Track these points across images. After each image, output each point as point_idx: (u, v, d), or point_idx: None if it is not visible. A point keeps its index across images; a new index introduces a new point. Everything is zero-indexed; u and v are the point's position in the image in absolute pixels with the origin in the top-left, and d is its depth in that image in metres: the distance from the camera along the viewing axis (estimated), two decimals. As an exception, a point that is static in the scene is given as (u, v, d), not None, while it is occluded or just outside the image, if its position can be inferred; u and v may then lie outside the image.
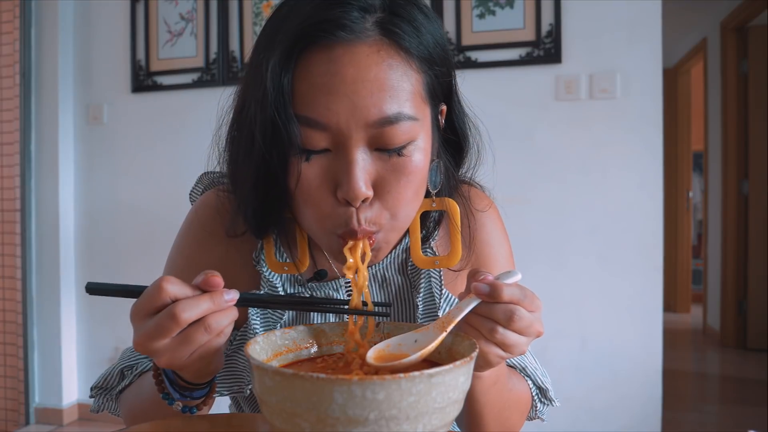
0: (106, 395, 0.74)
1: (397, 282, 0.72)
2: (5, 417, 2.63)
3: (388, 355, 0.52)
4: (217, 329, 0.49)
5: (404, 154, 0.56)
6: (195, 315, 0.48)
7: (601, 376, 2.11)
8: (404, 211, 0.58)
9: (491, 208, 0.76)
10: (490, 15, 2.17)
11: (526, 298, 0.51)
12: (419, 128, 0.56)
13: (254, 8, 2.40)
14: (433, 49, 0.57)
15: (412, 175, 0.56)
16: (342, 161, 0.54)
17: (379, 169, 0.56)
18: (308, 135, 0.54)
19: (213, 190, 0.73)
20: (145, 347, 0.49)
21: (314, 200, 0.56)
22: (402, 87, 0.54)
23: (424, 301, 0.70)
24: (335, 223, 0.56)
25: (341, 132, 0.53)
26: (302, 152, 0.55)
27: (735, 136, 3.73)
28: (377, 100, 0.53)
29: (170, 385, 0.58)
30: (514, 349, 0.52)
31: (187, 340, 0.49)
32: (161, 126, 2.51)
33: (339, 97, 0.52)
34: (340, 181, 0.55)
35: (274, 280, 0.69)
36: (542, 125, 2.14)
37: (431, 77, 0.58)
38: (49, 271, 2.61)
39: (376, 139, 0.54)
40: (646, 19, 2.05)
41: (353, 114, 0.53)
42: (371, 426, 0.39)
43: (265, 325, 0.69)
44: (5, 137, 2.59)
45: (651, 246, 2.07)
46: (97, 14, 2.61)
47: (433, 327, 0.52)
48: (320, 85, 0.53)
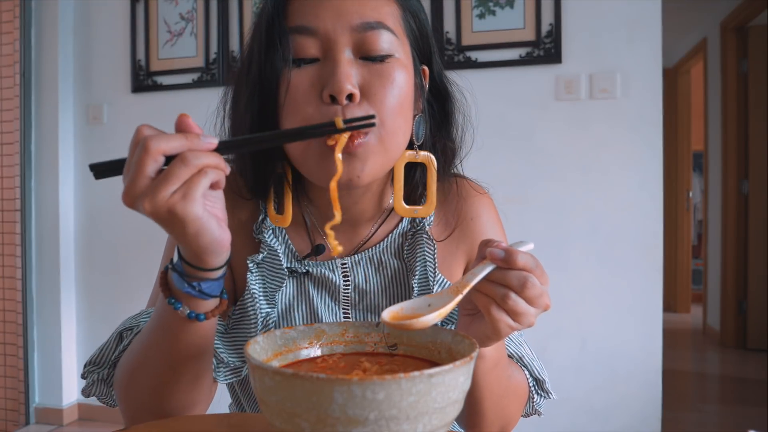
0: (99, 371, 0.69)
1: (393, 266, 0.73)
2: (5, 417, 2.63)
3: (403, 316, 0.52)
4: (195, 164, 0.47)
5: (387, 63, 0.61)
6: (166, 147, 0.47)
7: (601, 376, 2.11)
8: (390, 121, 0.61)
9: (487, 198, 0.79)
10: (490, 15, 2.17)
11: (537, 267, 0.52)
12: (399, 46, 0.63)
13: (254, 8, 2.40)
14: (413, 3, 0.66)
15: (395, 83, 0.61)
16: (329, 64, 0.60)
17: (364, 74, 0.61)
18: (299, 42, 0.61)
19: None
20: (128, 194, 0.48)
21: (301, 104, 0.60)
22: (382, 5, 0.62)
23: (420, 284, 0.71)
24: (320, 120, 0.59)
25: (328, 36, 0.60)
26: (294, 63, 0.61)
27: (735, 136, 3.73)
28: (359, 8, 0.61)
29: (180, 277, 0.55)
30: (523, 318, 0.53)
31: (165, 174, 0.47)
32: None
33: (325, 5, 0.60)
34: (327, 80, 0.59)
35: (275, 246, 0.70)
36: (542, 125, 2.14)
37: (409, 19, 0.65)
38: (49, 271, 2.61)
39: (360, 45, 0.61)
40: (646, 19, 2.05)
41: (338, 18, 0.60)
42: (371, 426, 0.39)
43: (264, 292, 0.70)
44: (5, 137, 2.59)
45: (651, 246, 2.07)
46: (97, 14, 2.61)
47: (447, 291, 0.52)
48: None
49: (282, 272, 0.70)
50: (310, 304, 0.71)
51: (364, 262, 0.72)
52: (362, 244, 0.73)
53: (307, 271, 0.71)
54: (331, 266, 0.71)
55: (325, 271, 0.71)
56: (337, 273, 0.71)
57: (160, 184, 0.47)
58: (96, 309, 2.64)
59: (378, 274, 0.73)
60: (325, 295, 0.72)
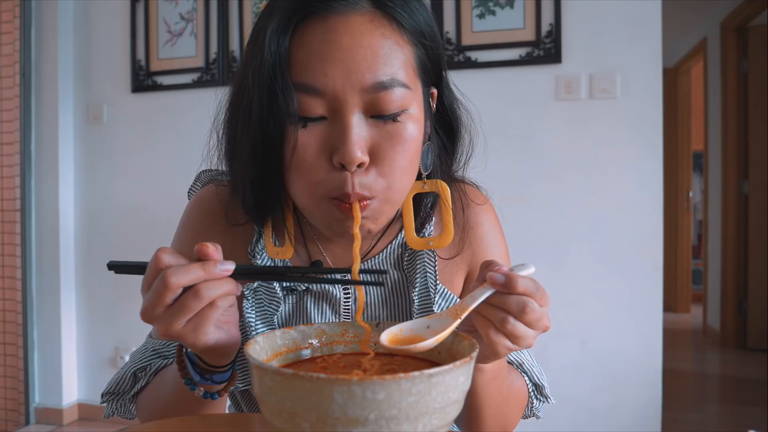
0: (118, 400, 0.73)
1: (393, 277, 0.73)
2: (5, 417, 2.63)
3: (402, 338, 0.52)
4: (207, 297, 0.49)
5: (399, 121, 0.58)
6: (185, 281, 0.48)
7: (601, 376, 2.11)
8: (399, 181, 0.59)
9: (488, 206, 0.78)
10: (490, 15, 2.17)
11: (537, 291, 0.52)
12: (412, 98, 0.59)
13: (254, 8, 2.40)
14: (424, 26, 0.60)
15: (407, 143, 0.58)
16: (338, 127, 0.56)
17: (374, 136, 0.57)
18: (305, 102, 0.56)
19: (211, 185, 0.75)
20: (145, 315, 0.50)
21: (309, 167, 0.57)
22: (394, 56, 0.57)
23: (420, 296, 0.70)
24: (329, 188, 0.57)
25: (337, 97, 0.55)
26: (299, 120, 0.56)
27: (735, 136, 3.73)
28: (371, 65, 0.55)
29: (192, 368, 0.59)
30: (522, 341, 0.52)
31: (179, 306, 0.49)
32: (161, 126, 2.51)
33: (334, 63, 0.55)
34: (336, 146, 0.56)
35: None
36: (542, 125, 2.14)
37: (422, 52, 0.60)
38: (49, 271, 2.61)
39: (370, 105, 0.56)
40: (646, 19, 2.05)
41: (348, 79, 0.55)
42: (371, 426, 0.39)
43: (261, 317, 0.70)
44: (5, 137, 2.59)
45: (651, 246, 2.07)
46: (97, 14, 2.61)
47: (446, 314, 0.52)
48: (316, 52, 0.55)
49: (278, 297, 0.70)
50: (308, 320, 0.71)
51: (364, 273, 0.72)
52: (362, 257, 0.73)
53: (307, 287, 0.71)
54: (329, 279, 0.71)
55: (324, 284, 0.71)
56: (336, 286, 0.71)
57: (174, 315, 0.50)
58: (96, 309, 2.64)
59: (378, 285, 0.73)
60: (326, 308, 0.72)
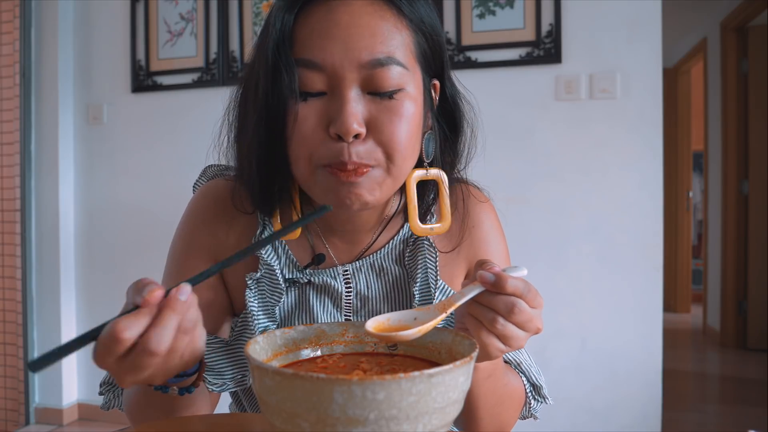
0: (115, 390, 0.74)
1: (394, 272, 0.73)
2: (5, 417, 2.63)
3: (388, 327, 0.52)
4: (157, 350, 0.45)
5: (396, 98, 0.60)
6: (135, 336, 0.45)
7: (601, 376, 2.11)
8: (398, 154, 0.61)
9: (489, 205, 0.79)
10: (490, 15, 2.17)
11: (529, 293, 0.52)
12: (410, 79, 0.61)
13: (254, 8, 2.40)
14: (425, 16, 0.63)
15: (404, 118, 0.60)
16: (336, 100, 0.59)
17: (371, 110, 0.60)
18: (306, 77, 0.59)
19: (216, 179, 0.76)
20: (96, 360, 0.46)
21: (308, 138, 0.60)
22: (392, 36, 0.60)
23: (421, 291, 0.71)
24: (326, 155, 0.59)
25: (336, 73, 0.58)
26: (300, 95, 0.59)
27: (735, 136, 3.73)
28: (369, 43, 0.58)
29: None
30: (512, 342, 0.53)
31: (129, 365, 0.46)
32: (161, 126, 2.51)
33: (334, 40, 0.58)
34: (333, 118, 0.59)
35: (272, 263, 0.70)
36: (542, 125, 2.14)
37: (422, 40, 0.63)
38: (49, 271, 2.61)
39: (368, 82, 0.59)
40: (646, 19, 2.05)
41: (346, 55, 0.58)
42: (371, 426, 0.39)
43: (263, 307, 0.70)
44: (5, 137, 2.59)
45: (651, 246, 2.07)
46: (97, 14, 2.61)
47: (433, 308, 0.53)
48: (317, 30, 0.59)
49: (280, 287, 0.70)
50: (310, 312, 0.71)
51: (366, 268, 0.72)
52: (364, 252, 0.73)
53: (309, 280, 0.71)
54: (333, 273, 0.71)
55: (326, 278, 0.71)
56: (339, 280, 0.71)
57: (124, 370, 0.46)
58: (96, 309, 2.64)
59: (379, 280, 0.73)
60: (327, 302, 0.72)
